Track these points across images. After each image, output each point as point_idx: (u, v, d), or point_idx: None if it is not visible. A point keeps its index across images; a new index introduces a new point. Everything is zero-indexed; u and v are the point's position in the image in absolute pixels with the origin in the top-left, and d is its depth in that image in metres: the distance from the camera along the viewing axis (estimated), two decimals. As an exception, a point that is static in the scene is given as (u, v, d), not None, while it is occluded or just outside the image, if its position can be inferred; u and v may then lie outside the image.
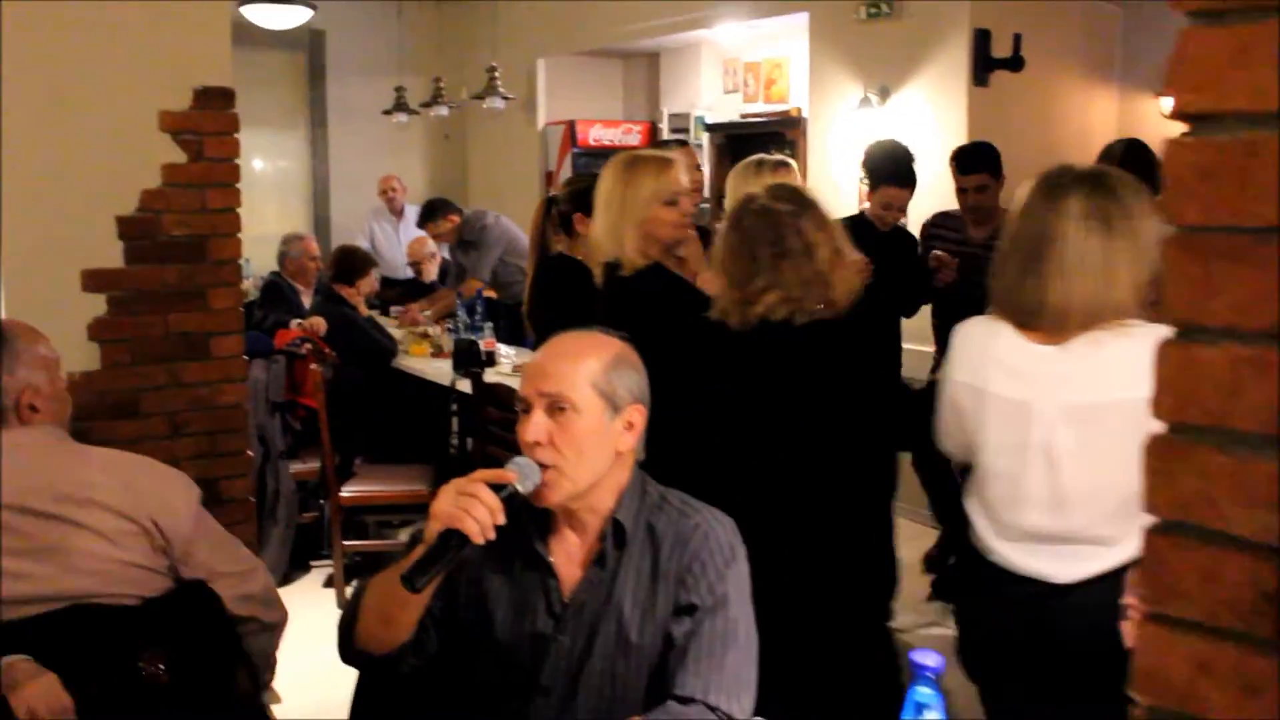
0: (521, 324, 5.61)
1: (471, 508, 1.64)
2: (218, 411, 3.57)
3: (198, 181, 3.48)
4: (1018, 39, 5.54)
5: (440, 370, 5.36)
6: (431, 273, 7.28)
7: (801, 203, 2.50)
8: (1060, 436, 2.00)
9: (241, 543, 2.39)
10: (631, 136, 8.98)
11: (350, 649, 1.84)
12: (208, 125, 3.48)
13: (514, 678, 1.87)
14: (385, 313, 6.63)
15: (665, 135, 8.82)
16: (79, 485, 2.06)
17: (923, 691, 1.36)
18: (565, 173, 8.78)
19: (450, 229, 6.62)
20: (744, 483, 2.34)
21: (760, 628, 1.85)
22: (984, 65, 5.62)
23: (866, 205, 4.75)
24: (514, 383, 4.53)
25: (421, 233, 7.85)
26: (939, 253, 4.50)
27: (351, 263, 5.71)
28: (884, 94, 5.93)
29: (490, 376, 4.80)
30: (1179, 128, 0.87)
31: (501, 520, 1.67)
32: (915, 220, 4.99)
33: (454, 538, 1.64)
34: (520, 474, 1.73)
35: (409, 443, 5.42)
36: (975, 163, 4.54)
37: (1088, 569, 2.02)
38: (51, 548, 2.01)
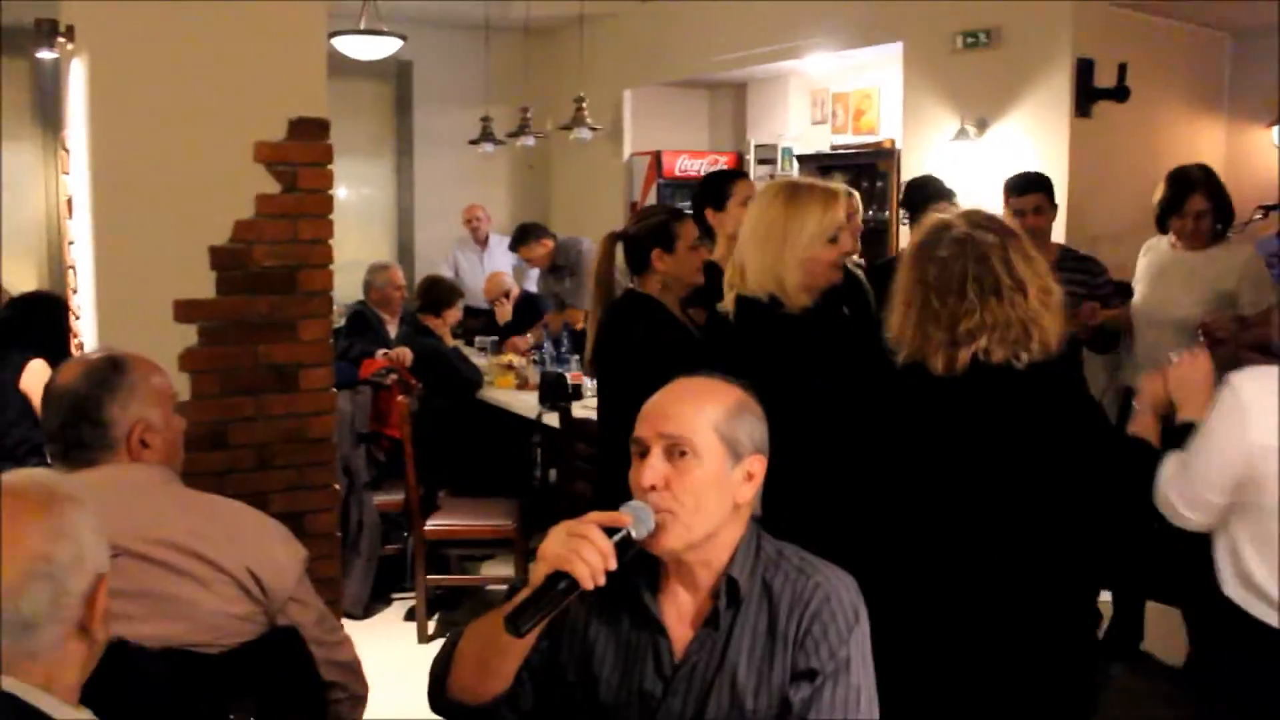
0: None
1: (582, 550, 1.54)
2: (306, 444, 3.53)
3: (290, 212, 3.46)
4: (1123, 68, 5.36)
5: (527, 403, 5.29)
6: (507, 313, 7.20)
7: (1006, 233, 2.23)
8: None
9: (333, 614, 2.32)
10: (719, 166, 8.89)
11: (442, 698, 1.74)
12: (301, 156, 3.46)
13: (618, 741, 1.76)
14: (470, 343, 6.60)
15: (752, 166, 8.75)
16: (183, 532, 2.00)
17: None
18: (651, 203, 8.73)
19: (544, 253, 6.57)
20: (942, 543, 2.18)
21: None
22: (1087, 95, 5.45)
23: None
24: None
25: (503, 268, 7.87)
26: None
27: (438, 293, 5.68)
28: (982, 125, 5.78)
29: (578, 411, 4.72)
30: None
31: (613, 565, 1.56)
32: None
33: (562, 581, 1.54)
34: (635, 518, 1.63)
35: (493, 476, 5.35)
36: (1031, 185, 4.33)
37: None
38: (147, 592, 1.95)
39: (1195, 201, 4.00)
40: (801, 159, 8.03)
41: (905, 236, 5.02)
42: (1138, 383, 3.74)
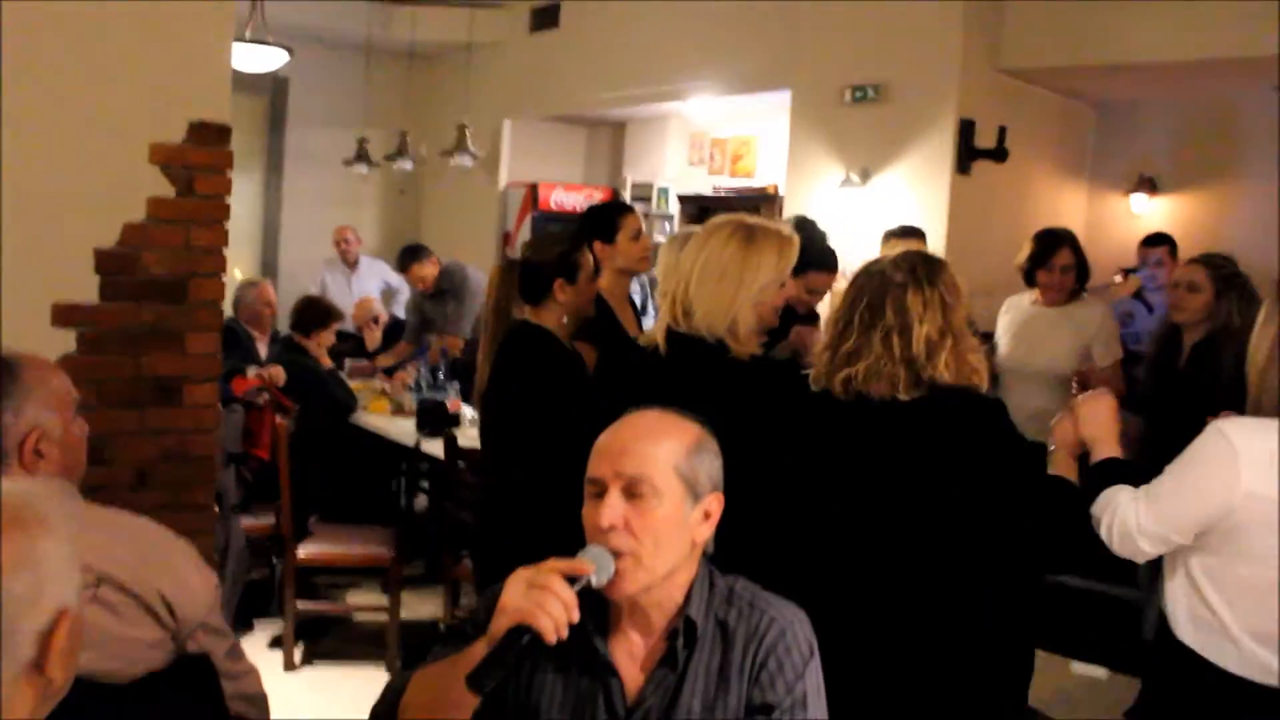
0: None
1: (546, 603, 1.48)
2: (187, 463, 3.35)
3: (184, 218, 3.30)
4: (1003, 131, 5.58)
5: (404, 429, 5.15)
6: (377, 338, 7.02)
7: (919, 277, 2.27)
8: None
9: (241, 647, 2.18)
10: (593, 202, 8.91)
11: None
12: (199, 160, 3.31)
13: (567, 787, 1.69)
14: (340, 366, 6.40)
15: (628, 203, 8.80)
16: (87, 552, 1.84)
17: None
18: (524, 234, 8.68)
19: (434, 274, 6.42)
20: (823, 572, 2.20)
21: None
22: (968, 154, 5.66)
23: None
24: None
25: (371, 292, 7.69)
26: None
27: (313, 313, 5.50)
28: (865, 175, 5.93)
29: (461, 440, 4.61)
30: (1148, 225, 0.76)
31: (576, 617, 1.51)
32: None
33: (525, 635, 1.47)
34: (596, 565, 1.58)
35: (364, 503, 5.18)
36: (906, 232, 4.64)
37: None
38: None
39: (1062, 256, 4.28)
40: (683, 199, 8.12)
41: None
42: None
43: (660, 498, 1.62)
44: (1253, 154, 6.21)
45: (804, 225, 4.51)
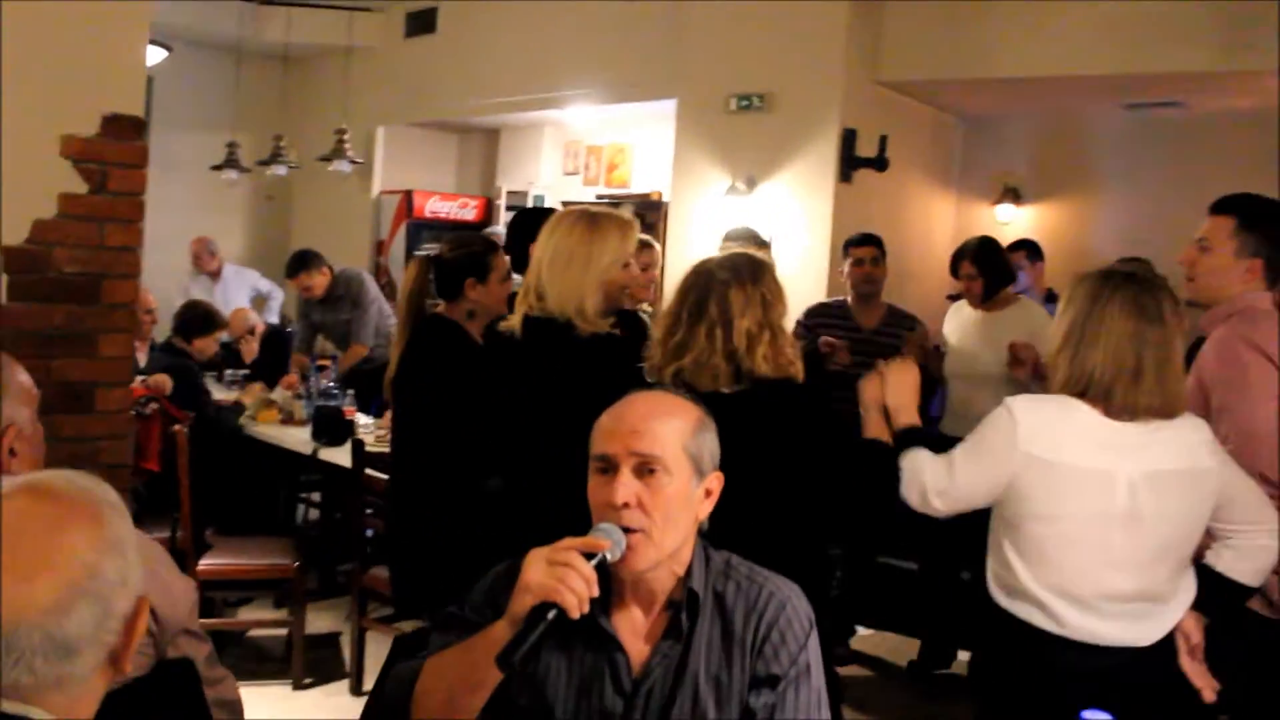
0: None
1: (569, 579, 1.53)
2: (98, 472, 3.19)
3: (98, 215, 3.18)
4: (884, 140, 5.80)
5: (298, 439, 5.03)
6: (254, 349, 6.79)
7: (742, 275, 2.48)
8: (1143, 500, 2.15)
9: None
10: (468, 211, 8.89)
11: None
12: (114, 155, 3.20)
13: (578, 761, 1.72)
14: (220, 378, 6.19)
15: (501, 212, 8.78)
16: None
17: None
18: (399, 242, 8.59)
19: (323, 282, 6.26)
20: None
21: None
22: (850, 163, 5.85)
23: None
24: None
25: (240, 302, 7.46)
26: (830, 339, 4.60)
27: (197, 318, 5.34)
28: (751, 183, 6.07)
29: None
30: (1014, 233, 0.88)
31: (596, 592, 1.56)
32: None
33: (550, 611, 1.52)
34: (612, 540, 1.62)
35: (259, 514, 5.04)
36: (866, 239, 4.90)
37: (1160, 629, 2.18)
38: None
39: (964, 267, 4.58)
40: (568, 205, 8.12)
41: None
42: (949, 430, 4.11)
43: (671, 475, 1.67)
44: (1106, 166, 6.63)
45: (742, 231, 4.66)
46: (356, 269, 6.57)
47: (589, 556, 1.57)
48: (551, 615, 1.51)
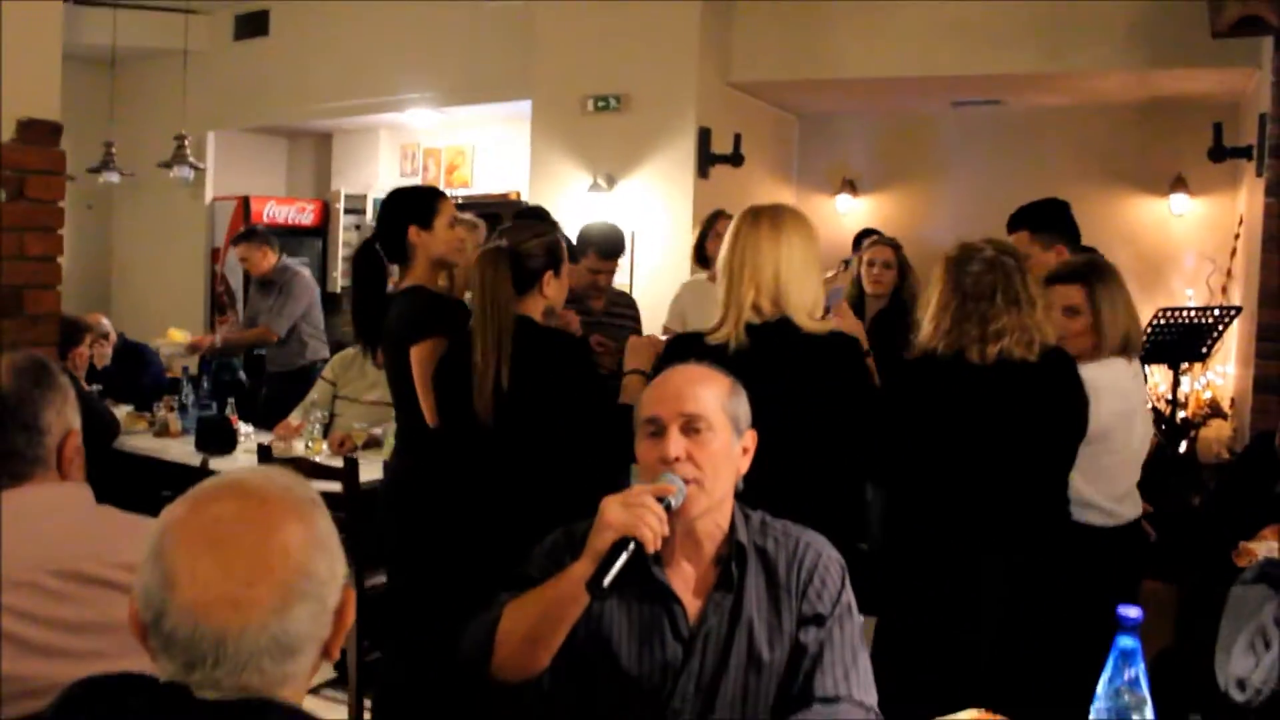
0: (287, 397, 5.28)
1: (645, 516, 1.71)
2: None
3: (17, 224, 3.09)
4: (738, 138, 6.10)
5: (181, 451, 4.89)
6: (106, 354, 6.50)
7: (1020, 260, 2.76)
8: (1137, 429, 2.98)
9: None
10: (306, 215, 8.75)
11: (481, 679, 1.79)
12: (32, 162, 3.11)
13: (642, 706, 1.87)
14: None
15: (340, 215, 8.68)
16: (129, 552, 1.78)
17: (1126, 642, 1.55)
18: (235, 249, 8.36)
19: (263, 264, 6.10)
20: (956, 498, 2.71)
21: None
22: (707, 159, 6.12)
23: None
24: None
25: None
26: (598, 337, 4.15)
27: (65, 331, 5.11)
28: (611, 181, 6.26)
29: (243, 458, 4.46)
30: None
31: (667, 531, 1.75)
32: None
33: (629, 543, 1.70)
34: (677, 487, 1.80)
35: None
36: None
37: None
38: (119, 624, 1.72)
39: (721, 223, 4.63)
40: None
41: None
42: None
43: (714, 431, 1.87)
44: (935, 159, 7.15)
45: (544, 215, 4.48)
46: (303, 266, 6.45)
47: (660, 500, 1.75)
48: (632, 547, 1.69)
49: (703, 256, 4.82)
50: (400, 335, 3.03)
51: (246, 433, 5.12)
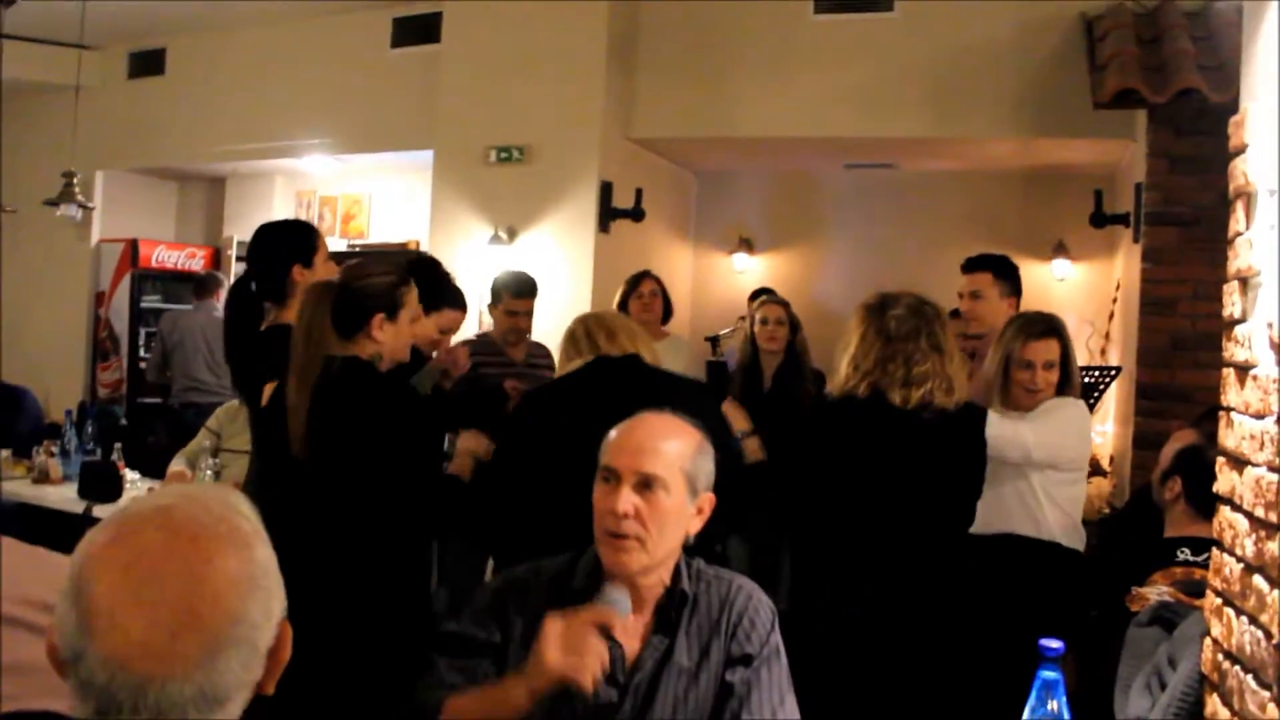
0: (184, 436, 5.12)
1: (586, 663, 1.75)
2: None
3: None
4: (639, 192, 6.17)
5: (63, 497, 4.71)
6: None
7: (939, 311, 2.84)
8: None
9: None
10: (196, 261, 8.59)
11: None
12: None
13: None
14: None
15: (232, 262, 8.52)
16: (36, 587, 1.71)
17: (1049, 674, 1.60)
18: (121, 293, 8.17)
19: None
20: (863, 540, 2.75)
21: None
22: (608, 214, 6.18)
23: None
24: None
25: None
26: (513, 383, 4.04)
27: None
28: (512, 233, 6.27)
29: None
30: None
31: (609, 668, 1.80)
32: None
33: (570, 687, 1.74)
34: (618, 608, 1.84)
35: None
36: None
37: None
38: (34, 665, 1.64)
39: (646, 284, 5.08)
40: (335, 256, 8.02)
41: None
42: None
43: (668, 492, 1.88)
44: (829, 219, 7.33)
45: (434, 265, 4.46)
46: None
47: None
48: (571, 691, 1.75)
49: None
50: (264, 374, 2.89)
51: (132, 479, 4.97)
